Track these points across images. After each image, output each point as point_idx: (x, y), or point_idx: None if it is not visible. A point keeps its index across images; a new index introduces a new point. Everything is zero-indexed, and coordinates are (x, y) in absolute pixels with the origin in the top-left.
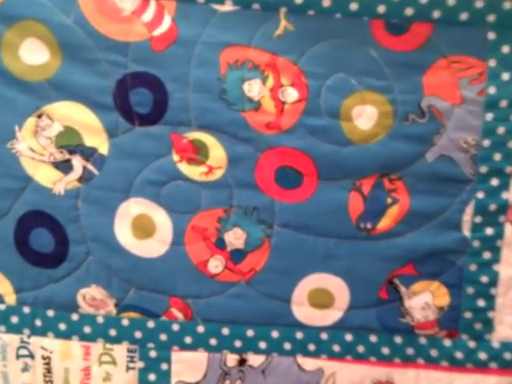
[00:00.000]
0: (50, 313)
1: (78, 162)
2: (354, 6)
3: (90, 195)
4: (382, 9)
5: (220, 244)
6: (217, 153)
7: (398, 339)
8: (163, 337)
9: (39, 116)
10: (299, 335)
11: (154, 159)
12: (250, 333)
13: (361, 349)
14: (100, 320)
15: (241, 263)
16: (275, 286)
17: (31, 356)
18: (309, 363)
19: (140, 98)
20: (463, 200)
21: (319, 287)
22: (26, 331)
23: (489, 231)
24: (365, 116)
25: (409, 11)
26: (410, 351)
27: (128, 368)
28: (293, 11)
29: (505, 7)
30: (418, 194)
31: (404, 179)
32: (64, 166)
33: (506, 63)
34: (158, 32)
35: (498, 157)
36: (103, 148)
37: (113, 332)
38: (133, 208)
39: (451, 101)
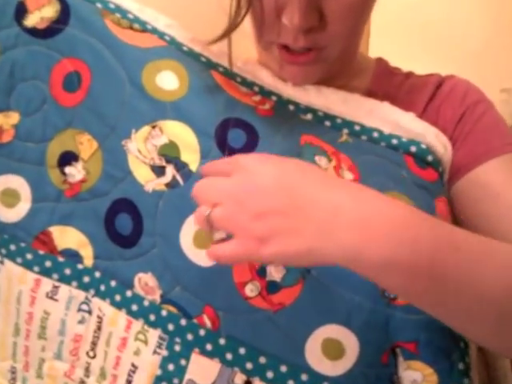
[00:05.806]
0: (113, 283)
1: (170, 171)
2: (394, 142)
3: (171, 199)
4: (413, 149)
5: (261, 272)
6: None
7: None
8: (189, 336)
9: (153, 127)
10: (304, 377)
11: None
12: (262, 359)
13: None
14: (146, 303)
15: (274, 295)
16: (296, 325)
17: (89, 312)
18: None
19: (236, 136)
20: None
21: (334, 338)
22: (92, 291)
23: None
24: None
25: (429, 158)
26: None
27: (155, 352)
28: (351, 134)
29: None
30: None
31: None
32: (158, 171)
33: None
34: (262, 107)
35: None
36: (193, 165)
37: (152, 317)
38: None
39: None
